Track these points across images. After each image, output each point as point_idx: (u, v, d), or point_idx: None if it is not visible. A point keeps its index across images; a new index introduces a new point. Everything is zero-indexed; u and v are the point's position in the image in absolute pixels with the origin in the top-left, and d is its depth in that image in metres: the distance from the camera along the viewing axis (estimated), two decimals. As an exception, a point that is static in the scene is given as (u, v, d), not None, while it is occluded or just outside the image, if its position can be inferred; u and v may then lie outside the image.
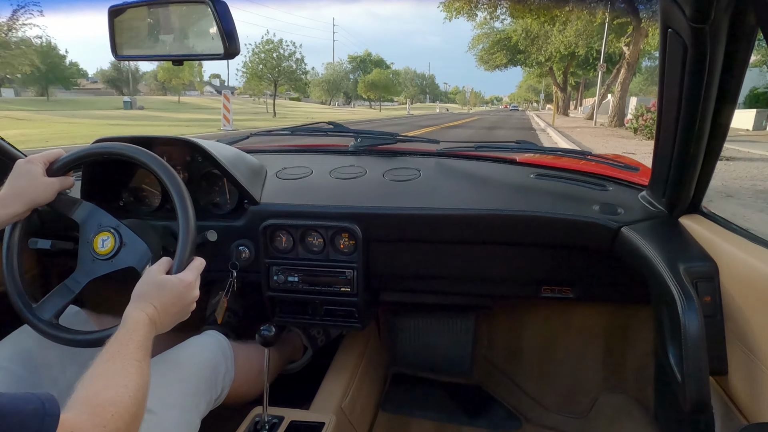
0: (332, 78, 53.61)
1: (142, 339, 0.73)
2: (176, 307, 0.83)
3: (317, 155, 1.55)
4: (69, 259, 1.06)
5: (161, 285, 0.82)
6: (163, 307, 0.80)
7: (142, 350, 0.71)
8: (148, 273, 0.84)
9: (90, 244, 0.96)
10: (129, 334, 0.72)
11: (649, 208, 1.08)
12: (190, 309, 0.86)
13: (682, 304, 0.74)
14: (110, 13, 0.88)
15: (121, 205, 1.30)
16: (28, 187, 0.89)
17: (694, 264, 0.82)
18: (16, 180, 0.89)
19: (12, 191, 0.88)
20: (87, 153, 1.00)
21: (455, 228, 1.18)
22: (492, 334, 1.70)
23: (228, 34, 0.81)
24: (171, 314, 0.82)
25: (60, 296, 0.95)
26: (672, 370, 0.78)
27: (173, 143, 1.23)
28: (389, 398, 1.61)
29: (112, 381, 0.62)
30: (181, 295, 0.83)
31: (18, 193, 0.88)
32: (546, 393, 1.58)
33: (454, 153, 1.49)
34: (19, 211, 0.89)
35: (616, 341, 1.52)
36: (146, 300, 0.80)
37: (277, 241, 1.24)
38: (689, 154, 0.83)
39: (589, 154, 1.47)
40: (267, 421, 1.08)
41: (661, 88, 0.82)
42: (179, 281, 0.84)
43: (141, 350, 0.71)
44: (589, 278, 1.26)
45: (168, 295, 0.82)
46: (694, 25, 0.65)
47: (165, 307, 0.81)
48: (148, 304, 0.79)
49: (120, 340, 0.71)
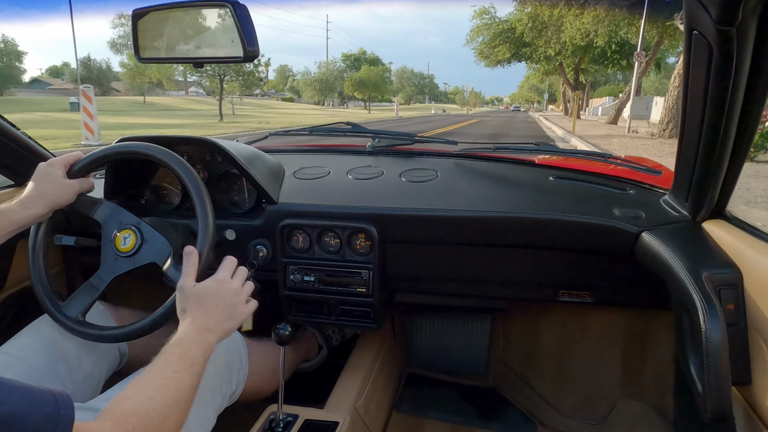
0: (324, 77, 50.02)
1: (183, 350, 0.72)
2: (220, 306, 0.82)
3: (335, 155, 1.56)
4: (92, 255, 1.09)
5: (196, 292, 0.82)
6: (205, 311, 0.80)
7: (181, 361, 0.70)
8: (179, 290, 0.84)
9: (112, 242, 0.98)
10: (170, 348, 0.72)
11: (671, 213, 1.06)
12: (239, 302, 0.86)
13: (704, 311, 0.73)
14: (134, 16, 0.90)
15: (142, 203, 1.33)
16: (49, 188, 0.92)
17: (717, 270, 0.80)
18: (38, 182, 0.92)
19: (34, 193, 0.91)
20: (107, 153, 1.03)
21: (472, 230, 1.17)
22: (508, 337, 1.69)
23: (248, 36, 0.82)
24: (218, 313, 0.82)
25: (86, 294, 0.97)
26: (693, 379, 0.77)
27: (194, 143, 1.25)
28: (404, 399, 1.61)
29: (140, 392, 0.62)
30: (219, 293, 0.83)
31: (40, 194, 0.91)
32: (562, 397, 1.56)
33: (472, 154, 1.48)
34: (41, 213, 0.92)
35: (635, 346, 1.50)
36: (186, 312, 0.80)
37: (294, 241, 1.25)
38: (714, 157, 0.81)
39: (609, 156, 1.45)
40: (282, 419, 1.09)
41: (686, 90, 0.80)
42: (212, 281, 0.84)
43: (180, 361, 0.70)
44: (608, 283, 1.24)
45: (207, 298, 0.82)
46: (721, 28, 0.63)
47: (207, 310, 0.81)
48: (188, 315, 0.80)
49: (162, 353, 0.71)
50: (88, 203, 1.01)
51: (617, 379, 1.52)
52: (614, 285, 1.24)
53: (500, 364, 1.68)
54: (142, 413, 0.59)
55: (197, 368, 0.72)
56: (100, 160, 1.02)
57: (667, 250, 0.90)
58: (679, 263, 0.84)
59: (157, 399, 0.62)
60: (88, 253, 1.11)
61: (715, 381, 0.70)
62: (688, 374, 0.79)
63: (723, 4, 0.61)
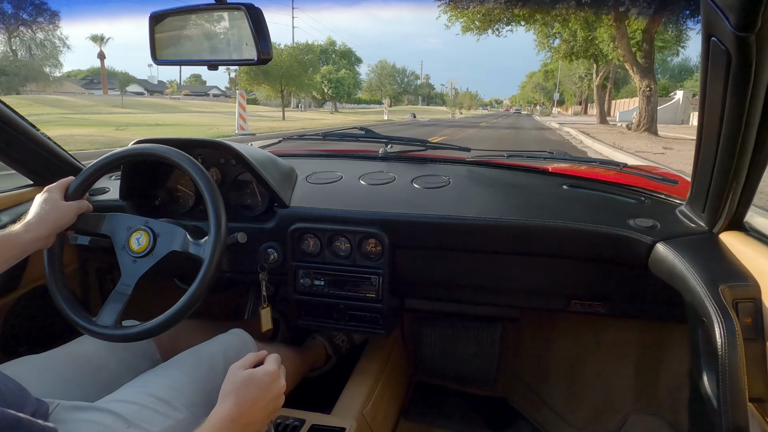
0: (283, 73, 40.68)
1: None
2: (263, 400, 0.79)
3: (347, 160, 1.56)
4: (106, 254, 1.10)
5: (246, 379, 0.80)
6: (247, 402, 0.77)
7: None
8: (232, 371, 0.82)
9: (126, 247, 0.99)
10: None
11: (687, 224, 1.04)
12: (280, 403, 0.83)
13: (720, 325, 0.71)
14: (151, 19, 0.92)
15: (156, 204, 1.34)
16: (48, 211, 0.94)
17: (734, 283, 0.78)
18: (37, 207, 0.94)
19: (36, 217, 0.93)
20: (117, 157, 1.04)
21: (484, 237, 1.16)
22: (518, 347, 1.66)
23: (262, 39, 0.83)
24: (258, 408, 0.78)
25: (116, 301, 0.98)
26: (708, 395, 0.75)
27: (208, 146, 1.26)
28: (411, 407, 1.60)
29: None
30: (267, 387, 0.80)
31: (41, 218, 0.93)
32: (573, 410, 1.53)
33: (485, 161, 1.48)
34: (42, 235, 0.93)
35: (649, 359, 1.47)
36: (229, 397, 0.77)
37: (304, 245, 1.25)
38: (732, 167, 0.79)
39: (624, 165, 1.43)
40: (288, 424, 1.09)
41: (703, 97, 0.79)
42: (264, 374, 0.81)
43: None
44: (622, 294, 1.22)
45: (254, 388, 0.79)
46: (739, 34, 0.62)
47: (249, 402, 0.77)
48: (229, 401, 0.76)
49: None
50: (91, 221, 1.02)
51: (630, 392, 1.48)
52: (628, 296, 1.22)
53: (510, 374, 1.66)
54: None
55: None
56: (95, 173, 1.03)
57: (682, 262, 0.88)
58: (695, 275, 0.82)
59: None
60: (102, 252, 1.13)
61: (731, 397, 0.68)
62: (703, 389, 0.77)
63: (742, 10, 0.60)
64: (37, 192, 1.00)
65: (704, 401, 0.76)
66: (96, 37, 54.06)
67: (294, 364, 1.36)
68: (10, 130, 1.19)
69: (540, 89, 73.78)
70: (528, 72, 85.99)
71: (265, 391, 0.79)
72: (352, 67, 55.54)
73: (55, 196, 0.97)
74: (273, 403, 0.81)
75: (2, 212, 1.28)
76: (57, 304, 0.98)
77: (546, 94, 73.18)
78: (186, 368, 0.95)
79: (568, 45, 21.50)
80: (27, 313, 1.32)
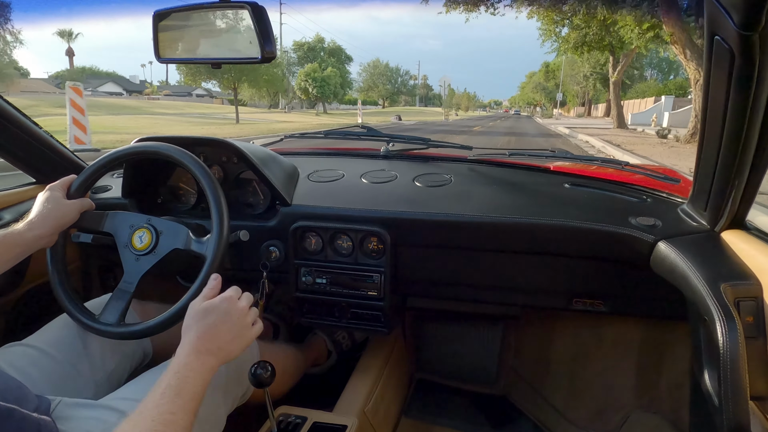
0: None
1: (182, 383, 0.68)
2: (226, 324, 0.78)
3: (349, 159, 1.56)
4: (109, 251, 1.11)
5: (203, 309, 0.79)
6: (209, 330, 0.76)
7: (180, 398, 0.66)
8: (191, 308, 0.81)
9: (129, 245, 1.00)
10: (167, 379, 0.69)
11: (689, 222, 1.04)
12: (246, 324, 0.82)
13: (721, 324, 0.71)
14: (155, 17, 0.92)
15: (159, 202, 1.35)
16: (51, 210, 0.94)
17: (736, 282, 0.78)
18: (40, 206, 0.95)
19: (39, 215, 0.93)
20: (110, 160, 1.04)
21: (485, 236, 1.16)
22: (520, 345, 1.67)
23: (265, 37, 0.83)
24: (223, 332, 0.78)
25: (119, 299, 0.98)
26: (709, 393, 0.75)
27: (210, 143, 1.26)
28: (413, 404, 1.60)
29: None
30: (226, 311, 0.80)
31: (44, 216, 0.93)
32: (574, 408, 1.54)
33: (486, 159, 1.48)
34: (45, 233, 0.93)
35: (651, 358, 1.47)
36: (190, 331, 0.77)
37: (306, 243, 1.25)
38: (734, 166, 0.79)
39: (626, 164, 1.43)
40: (290, 422, 1.09)
41: (706, 96, 0.79)
42: (219, 299, 0.81)
43: (179, 398, 0.66)
44: (623, 292, 1.22)
45: (212, 315, 0.78)
46: (743, 33, 0.62)
47: (211, 329, 0.77)
48: (192, 335, 0.76)
49: (156, 388, 0.67)
50: (94, 218, 1.03)
51: (631, 390, 1.49)
52: (629, 294, 1.22)
53: (511, 372, 1.66)
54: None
55: (195, 404, 0.69)
56: (98, 171, 1.03)
57: (684, 260, 0.89)
58: (697, 274, 0.83)
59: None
60: (104, 249, 1.13)
61: (732, 395, 0.68)
62: (704, 387, 0.77)
63: (745, 9, 0.60)
64: (40, 190, 1.00)
65: (705, 399, 0.76)
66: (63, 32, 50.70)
67: (295, 361, 1.37)
68: (13, 127, 1.19)
69: (540, 89, 69.51)
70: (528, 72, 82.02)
71: (226, 316, 0.79)
72: (341, 65, 50.73)
73: (57, 195, 0.97)
74: (239, 326, 0.80)
75: (5, 210, 1.28)
76: (60, 301, 0.99)
77: (547, 94, 69.25)
78: None
79: (580, 33, 17.73)
80: (30, 309, 1.33)
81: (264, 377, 0.89)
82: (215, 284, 0.85)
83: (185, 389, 0.68)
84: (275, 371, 0.89)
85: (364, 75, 71.63)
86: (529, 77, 77.20)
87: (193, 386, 0.69)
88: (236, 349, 0.80)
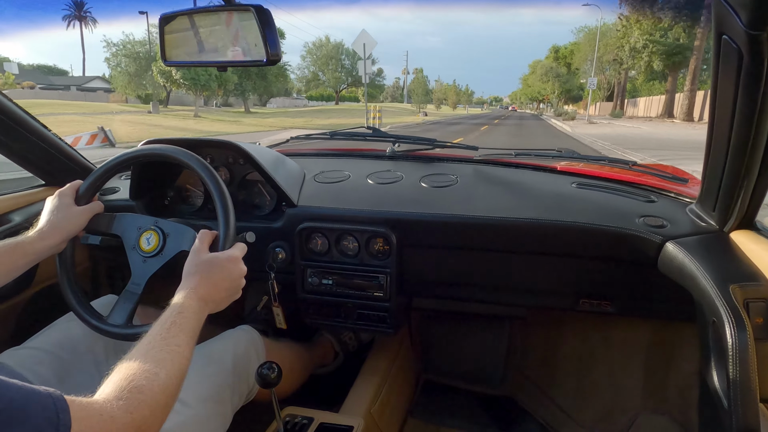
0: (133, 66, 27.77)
1: (185, 321, 0.73)
2: (225, 282, 0.83)
3: (355, 159, 1.57)
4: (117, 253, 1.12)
5: (208, 261, 0.84)
6: (213, 282, 0.81)
7: (184, 334, 0.71)
8: (193, 252, 0.86)
9: (136, 247, 1.00)
10: (173, 317, 0.73)
11: (697, 222, 1.03)
12: (240, 285, 0.87)
13: (730, 325, 0.70)
14: (161, 20, 0.93)
15: (166, 203, 1.36)
16: (61, 218, 0.95)
17: (745, 283, 0.77)
18: (51, 214, 0.95)
19: (49, 225, 0.94)
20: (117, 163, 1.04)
21: (491, 236, 1.16)
22: (526, 345, 1.66)
23: (270, 40, 0.84)
24: (222, 289, 0.82)
25: (126, 301, 0.99)
26: (718, 395, 0.74)
27: (216, 145, 1.27)
28: (419, 405, 1.60)
29: (144, 368, 0.62)
30: (229, 270, 0.84)
31: (54, 225, 0.94)
32: (581, 409, 1.53)
33: (493, 160, 1.47)
34: (55, 243, 0.94)
35: (659, 359, 1.46)
36: (194, 278, 0.81)
37: (312, 244, 1.25)
38: (743, 165, 0.79)
39: (634, 163, 1.42)
40: (297, 422, 1.09)
41: (714, 95, 0.78)
42: (225, 256, 0.86)
43: (183, 334, 0.71)
44: (631, 293, 1.21)
45: (216, 270, 0.83)
46: (751, 32, 0.62)
47: (214, 281, 0.82)
48: (195, 281, 0.80)
49: (162, 323, 0.71)
50: (101, 221, 1.03)
51: (639, 391, 1.48)
52: (637, 295, 1.21)
53: (518, 373, 1.66)
54: (147, 389, 0.59)
55: (194, 341, 0.73)
56: (104, 175, 1.04)
57: (692, 261, 0.88)
58: (706, 275, 0.82)
59: (161, 374, 0.62)
60: (112, 251, 1.14)
61: (741, 397, 0.68)
62: (713, 389, 0.76)
63: (754, 9, 0.59)
64: (49, 192, 1.01)
65: (714, 401, 0.75)
66: None
67: (302, 360, 1.37)
68: (22, 130, 1.20)
69: (553, 77, 51.78)
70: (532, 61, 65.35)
71: (228, 274, 0.84)
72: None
73: (66, 202, 0.98)
74: (235, 286, 0.86)
75: (15, 212, 1.29)
76: (69, 304, 0.99)
77: (562, 84, 51.28)
78: (196, 365, 0.96)
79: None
80: (40, 311, 1.34)
81: (270, 378, 0.90)
82: (208, 237, 0.90)
83: (187, 327, 0.73)
84: (282, 372, 0.90)
85: (309, 59, 52.74)
86: (533, 67, 63.04)
87: (192, 326, 0.74)
88: (225, 305, 0.85)
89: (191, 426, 0.87)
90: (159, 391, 0.61)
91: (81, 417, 0.49)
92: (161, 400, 0.61)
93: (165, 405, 0.62)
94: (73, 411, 0.49)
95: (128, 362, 0.63)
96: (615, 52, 29.09)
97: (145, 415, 0.57)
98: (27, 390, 0.48)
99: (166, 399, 0.62)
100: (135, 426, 0.55)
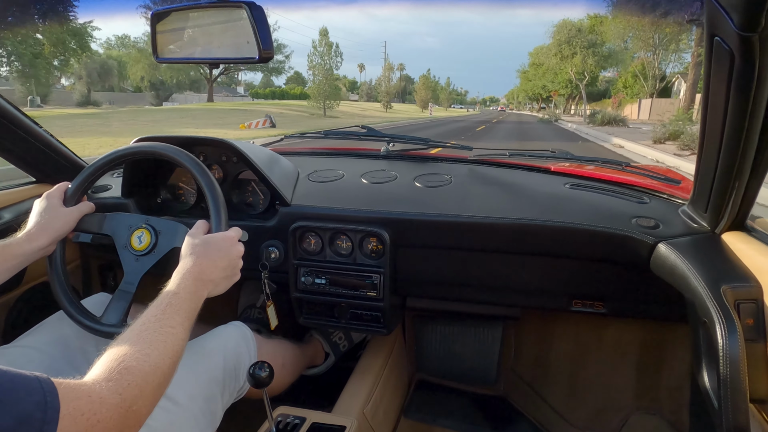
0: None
1: (180, 303, 0.72)
2: (222, 261, 0.83)
3: (349, 159, 1.56)
4: (108, 251, 1.11)
5: (205, 241, 0.84)
6: (209, 260, 0.81)
7: (179, 315, 0.70)
8: (189, 236, 0.86)
9: (128, 246, 0.99)
10: (168, 298, 0.72)
11: (689, 224, 1.03)
12: (238, 265, 0.87)
13: (721, 326, 0.71)
14: (153, 17, 0.92)
15: (158, 201, 1.35)
16: (50, 220, 0.94)
17: (736, 284, 0.77)
18: (39, 216, 0.94)
19: (38, 227, 0.93)
20: (107, 161, 1.04)
21: (485, 236, 1.16)
22: (519, 346, 1.66)
23: (263, 37, 0.83)
24: (219, 268, 0.82)
25: (120, 300, 0.98)
26: (709, 395, 0.74)
27: (209, 143, 1.26)
28: (412, 405, 1.60)
29: (135, 349, 0.61)
30: (226, 249, 0.85)
31: (43, 227, 0.93)
32: (574, 409, 1.53)
33: (487, 160, 1.47)
34: (43, 245, 0.93)
35: (651, 359, 1.46)
36: (189, 258, 0.81)
37: (306, 243, 1.25)
38: (735, 167, 0.79)
39: (627, 164, 1.42)
40: (289, 422, 1.09)
41: (706, 97, 0.78)
42: (222, 236, 0.87)
43: (178, 315, 0.70)
44: (624, 294, 1.22)
45: (212, 249, 0.83)
46: (743, 34, 0.62)
47: (211, 260, 0.81)
48: (191, 262, 0.80)
49: (158, 305, 0.70)
50: (92, 221, 1.02)
51: (631, 392, 1.48)
52: (629, 296, 1.22)
53: (511, 373, 1.66)
54: (137, 370, 0.58)
55: (190, 323, 0.73)
56: (93, 174, 1.03)
57: (684, 262, 0.88)
58: (697, 276, 0.82)
59: (153, 355, 0.61)
60: (104, 249, 1.13)
61: (732, 397, 0.68)
62: (704, 390, 0.76)
63: (745, 10, 0.59)
64: (40, 189, 1.00)
65: (705, 402, 0.76)
66: None
67: (293, 358, 1.36)
68: (12, 126, 1.19)
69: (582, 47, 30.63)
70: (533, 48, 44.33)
71: (225, 253, 0.85)
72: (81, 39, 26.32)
73: (54, 203, 0.97)
74: (232, 266, 0.86)
75: (4, 209, 1.28)
76: (61, 305, 0.98)
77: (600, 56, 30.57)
78: (186, 361, 0.95)
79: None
80: (30, 309, 1.33)
81: (262, 378, 0.89)
82: (203, 226, 0.90)
83: (183, 308, 0.72)
84: (273, 371, 0.90)
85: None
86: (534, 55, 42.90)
87: (188, 308, 0.74)
88: (224, 286, 0.85)
89: (181, 424, 0.87)
90: (149, 371, 0.60)
91: (69, 399, 0.49)
92: (152, 381, 0.59)
93: (157, 385, 0.61)
94: (62, 393, 0.48)
95: (120, 343, 0.62)
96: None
97: (135, 396, 0.56)
98: (12, 374, 0.47)
99: (158, 380, 0.61)
100: (125, 406, 0.54)
